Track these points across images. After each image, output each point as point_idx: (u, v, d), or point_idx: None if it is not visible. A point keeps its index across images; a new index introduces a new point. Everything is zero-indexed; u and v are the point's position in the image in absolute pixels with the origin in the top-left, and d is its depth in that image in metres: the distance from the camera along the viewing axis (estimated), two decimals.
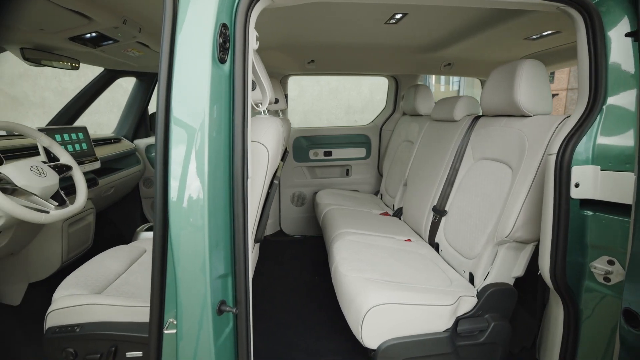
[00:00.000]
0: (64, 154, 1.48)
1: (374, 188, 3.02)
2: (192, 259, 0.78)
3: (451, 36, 1.93)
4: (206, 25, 0.78)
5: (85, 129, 1.96)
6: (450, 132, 1.85)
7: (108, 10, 1.38)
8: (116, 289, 1.25)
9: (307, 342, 1.59)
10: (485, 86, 1.50)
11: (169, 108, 0.77)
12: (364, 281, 1.24)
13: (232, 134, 0.82)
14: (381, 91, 5.62)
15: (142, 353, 1.12)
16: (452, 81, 16.40)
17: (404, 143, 2.53)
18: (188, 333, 0.81)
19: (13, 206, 1.11)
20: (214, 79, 0.78)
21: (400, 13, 1.61)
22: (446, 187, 1.72)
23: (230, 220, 0.84)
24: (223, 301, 0.84)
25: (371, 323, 1.12)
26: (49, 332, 1.10)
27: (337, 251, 1.52)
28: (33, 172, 1.26)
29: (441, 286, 1.30)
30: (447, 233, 1.62)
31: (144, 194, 2.71)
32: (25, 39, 1.47)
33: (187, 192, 0.76)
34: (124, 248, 1.53)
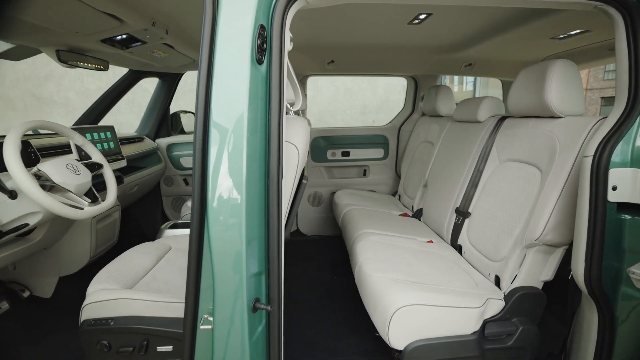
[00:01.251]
0: (95, 153, 1.53)
1: (391, 189, 3.01)
2: (229, 256, 0.79)
3: (474, 36, 1.91)
4: (245, 27, 0.80)
5: (113, 128, 2.01)
6: (474, 133, 1.83)
7: (139, 13, 1.41)
8: (146, 285, 1.28)
9: (329, 341, 1.60)
10: (512, 87, 1.48)
11: (208, 108, 0.79)
12: (390, 282, 1.24)
13: (268, 134, 0.84)
14: (396, 91, 5.59)
15: (172, 348, 1.15)
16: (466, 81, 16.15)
17: (423, 144, 2.51)
18: (224, 329, 0.82)
19: (52, 202, 1.15)
20: (252, 80, 0.80)
21: (425, 13, 1.60)
22: (470, 188, 1.70)
23: (264, 219, 0.85)
24: (257, 299, 0.85)
25: (398, 324, 1.12)
26: (84, 324, 1.14)
27: (361, 251, 1.52)
28: (69, 170, 1.31)
29: (467, 288, 1.29)
30: (471, 235, 1.60)
31: (164, 192, 2.77)
32: (61, 42, 1.52)
33: (225, 191, 0.78)
34: (150, 245, 1.56)
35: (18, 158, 1.11)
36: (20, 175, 1.10)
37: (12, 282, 1.71)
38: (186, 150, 2.68)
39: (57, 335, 1.57)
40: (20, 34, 1.40)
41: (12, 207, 1.24)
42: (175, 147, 2.67)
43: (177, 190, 2.76)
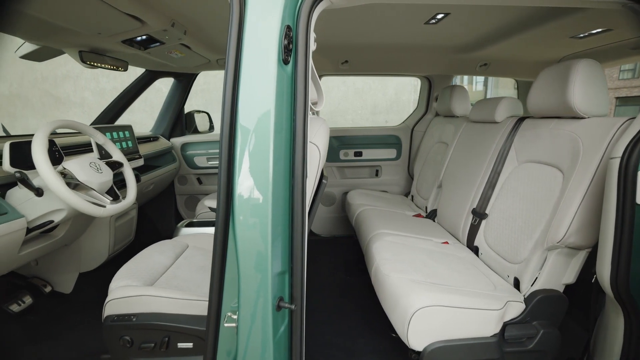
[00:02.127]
0: (116, 151, 1.56)
1: (403, 189, 2.99)
2: (255, 255, 0.80)
3: (490, 36, 1.89)
4: (272, 27, 0.80)
5: (131, 128, 2.04)
6: (491, 133, 1.81)
7: (159, 14, 1.43)
8: (166, 282, 1.30)
9: (346, 341, 1.60)
10: (533, 87, 1.46)
11: (235, 108, 0.80)
12: (408, 282, 1.23)
13: (292, 133, 0.84)
14: (406, 91, 5.56)
15: (192, 345, 1.16)
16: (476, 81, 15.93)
17: (437, 144, 2.49)
18: (248, 327, 0.83)
19: (78, 200, 1.17)
20: (279, 80, 0.80)
21: (443, 13, 1.59)
22: (487, 189, 1.69)
23: (288, 218, 0.86)
24: (281, 297, 0.86)
25: (417, 325, 1.11)
26: (107, 320, 1.16)
27: (377, 252, 1.52)
28: (92, 168, 1.33)
29: (485, 290, 1.28)
30: (488, 236, 1.59)
31: (178, 191, 2.80)
32: (84, 43, 1.55)
33: (252, 190, 0.79)
34: (168, 243, 1.58)
35: (46, 157, 1.14)
36: (48, 174, 1.13)
37: (35, 278, 1.76)
38: (200, 150, 2.71)
39: (78, 330, 1.61)
40: (46, 35, 1.44)
41: (38, 205, 1.27)
42: (189, 146, 2.71)
43: (191, 189, 2.79)
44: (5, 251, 1.19)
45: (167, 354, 1.16)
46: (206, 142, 2.71)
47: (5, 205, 1.19)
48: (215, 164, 2.73)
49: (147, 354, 1.16)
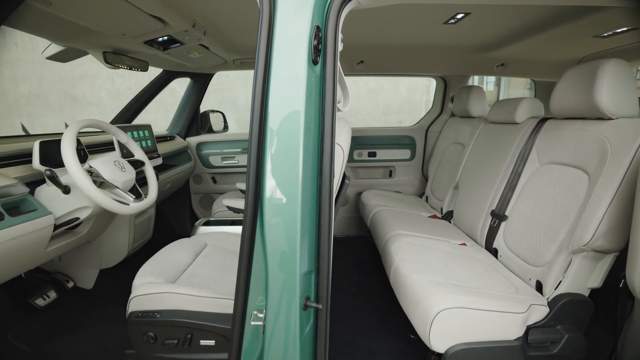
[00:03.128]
0: (137, 150, 1.58)
1: (417, 190, 2.98)
2: (284, 254, 0.81)
3: (510, 36, 1.86)
4: (302, 28, 0.81)
5: (150, 127, 2.08)
6: (511, 134, 1.78)
7: (181, 15, 1.45)
8: (187, 280, 1.32)
9: (363, 341, 1.60)
10: (557, 87, 1.43)
11: (264, 108, 0.81)
12: (430, 284, 1.23)
13: (321, 134, 0.84)
14: (419, 92, 5.52)
15: (214, 342, 1.17)
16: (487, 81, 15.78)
17: (453, 145, 2.47)
18: (276, 326, 0.84)
19: (104, 198, 1.20)
20: (308, 80, 0.81)
21: (463, 13, 1.58)
22: (506, 191, 1.66)
23: (316, 218, 0.86)
24: (307, 297, 0.86)
25: (440, 326, 1.11)
26: (131, 316, 1.18)
27: (396, 252, 1.51)
28: (116, 167, 1.36)
29: (507, 293, 1.26)
30: (508, 239, 1.57)
31: (193, 190, 2.83)
32: (108, 44, 1.58)
33: (281, 190, 0.79)
34: (188, 241, 1.60)
35: (75, 155, 1.17)
36: (77, 172, 1.15)
37: (58, 273, 1.80)
38: (215, 149, 2.74)
39: (100, 325, 1.64)
40: (72, 37, 1.47)
41: (65, 202, 1.30)
42: (204, 145, 2.74)
43: (206, 188, 2.82)
44: (34, 247, 1.23)
45: (190, 351, 1.18)
46: (221, 141, 2.74)
47: (35, 202, 1.23)
48: (229, 163, 2.75)
49: (170, 350, 1.18)
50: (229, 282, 1.34)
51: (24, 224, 1.14)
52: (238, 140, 2.75)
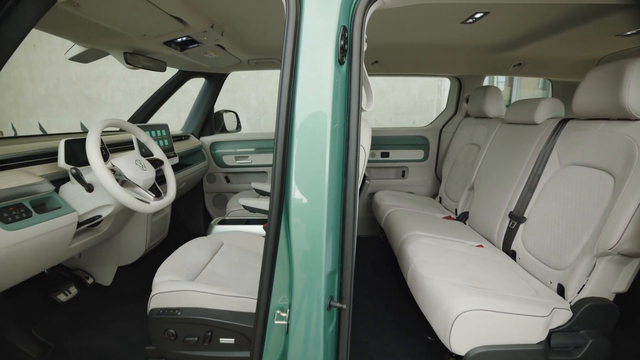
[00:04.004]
0: (157, 150, 1.60)
1: (430, 191, 2.95)
2: (310, 254, 0.81)
3: (529, 35, 1.83)
4: (329, 28, 0.81)
5: (167, 126, 2.10)
6: (530, 135, 1.76)
7: (201, 16, 1.47)
8: (206, 278, 1.33)
9: (380, 342, 1.59)
10: (580, 87, 1.41)
11: (291, 108, 0.81)
12: (450, 285, 1.22)
13: (346, 134, 0.84)
14: (430, 92, 5.48)
15: (234, 340, 1.18)
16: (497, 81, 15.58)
17: (468, 146, 2.45)
18: (300, 326, 0.84)
19: (127, 196, 1.22)
20: (335, 81, 0.81)
21: (482, 12, 1.56)
22: (525, 192, 1.64)
23: (340, 218, 0.86)
24: (331, 297, 0.86)
25: (460, 329, 1.10)
26: (152, 312, 1.19)
27: (413, 253, 1.50)
28: (137, 166, 1.38)
29: (528, 296, 1.25)
30: (527, 241, 1.55)
31: (207, 189, 2.86)
32: (129, 44, 1.61)
33: (308, 190, 0.80)
34: (205, 240, 1.62)
35: (99, 154, 1.19)
36: (101, 171, 1.17)
37: (78, 269, 1.83)
38: (228, 149, 2.76)
39: (119, 321, 1.66)
40: (95, 38, 1.50)
41: (88, 200, 1.32)
42: (218, 145, 2.76)
43: (219, 187, 2.85)
44: (59, 243, 1.25)
45: (210, 349, 1.19)
46: (235, 141, 2.76)
47: (60, 200, 1.25)
48: (242, 163, 2.77)
49: (190, 348, 1.19)
50: (246, 281, 1.35)
51: (51, 221, 1.17)
52: (251, 140, 2.76)
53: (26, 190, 1.14)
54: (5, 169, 1.16)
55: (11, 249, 1.04)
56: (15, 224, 1.06)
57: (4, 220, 1.04)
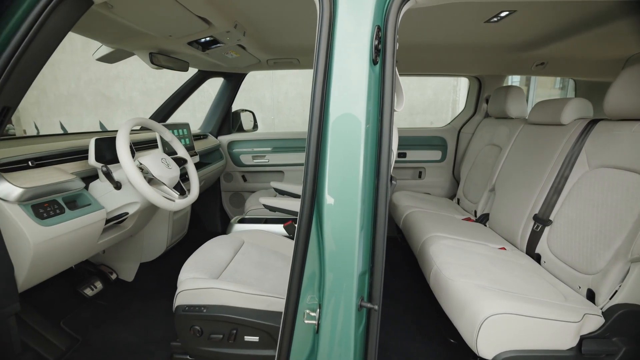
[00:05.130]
0: (181, 148, 1.63)
1: (447, 192, 2.92)
2: (343, 254, 0.81)
3: (555, 33, 1.79)
4: (364, 28, 0.81)
5: (188, 125, 2.13)
6: (556, 136, 1.72)
7: (226, 16, 1.48)
8: (230, 276, 1.34)
9: (400, 344, 1.58)
10: (612, 87, 1.37)
11: (325, 108, 0.81)
12: (475, 288, 1.20)
13: (379, 134, 0.84)
14: (446, 92, 5.41)
15: (258, 338, 1.19)
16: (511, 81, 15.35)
17: (488, 147, 2.41)
18: (331, 326, 0.84)
19: (154, 194, 1.24)
20: (370, 81, 0.80)
21: (508, 10, 1.53)
22: (551, 195, 1.60)
23: (372, 218, 0.86)
24: (362, 297, 0.86)
25: (488, 332, 1.08)
26: (179, 309, 1.21)
27: (436, 255, 1.49)
28: (163, 164, 1.40)
29: (555, 300, 1.22)
30: (553, 244, 1.51)
31: (224, 188, 2.89)
32: (154, 45, 1.64)
33: (342, 190, 0.79)
34: (226, 238, 1.63)
35: (129, 153, 1.21)
36: (131, 169, 1.20)
37: (102, 265, 1.87)
38: (245, 148, 2.78)
39: (142, 317, 1.69)
40: (122, 38, 1.53)
41: (116, 197, 1.35)
42: (235, 144, 2.78)
43: (236, 186, 2.87)
44: (89, 239, 1.28)
45: (234, 346, 1.20)
46: (252, 140, 2.78)
47: (89, 197, 1.28)
48: (260, 162, 2.79)
49: (215, 345, 1.20)
50: (268, 280, 1.35)
51: (82, 217, 1.20)
52: (269, 139, 2.78)
53: (59, 187, 1.17)
54: (39, 167, 1.19)
55: (48, 243, 1.07)
56: (50, 220, 1.09)
57: (40, 215, 1.07)
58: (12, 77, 0.88)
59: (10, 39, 0.85)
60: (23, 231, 1.01)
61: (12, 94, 0.91)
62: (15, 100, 0.93)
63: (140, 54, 1.69)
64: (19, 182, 1.04)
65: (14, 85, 0.90)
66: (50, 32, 0.89)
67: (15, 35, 0.84)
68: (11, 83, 0.88)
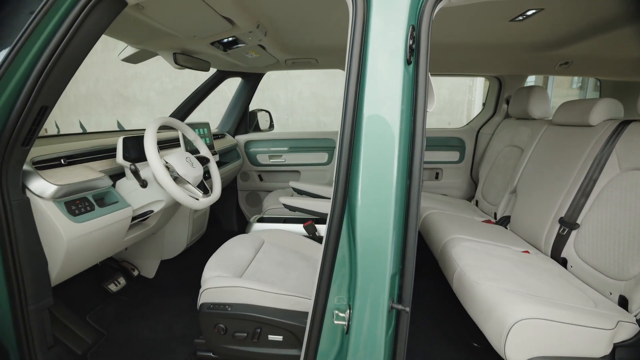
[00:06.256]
0: (203, 148, 1.64)
1: (464, 193, 2.88)
2: (377, 255, 0.80)
3: (583, 32, 1.74)
4: (399, 28, 0.80)
5: (208, 125, 2.15)
6: (583, 138, 1.67)
7: (249, 16, 1.49)
8: (253, 275, 1.35)
9: (422, 346, 1.57)
10: None
11: (359, 109, 0.81)
12: (502, 291, 1.18)
13: (411, 134, 0.83)
14: (461, 92, 5.34)
15: (282, 338, 1.19)
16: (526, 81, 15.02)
17: (508, 148, 2.36)
18: (362, 327, 0.83)
19: (180, 192, 1.25)
20: (404, 81, 0.80)
21: (535, 8, 1.50)
22: (578, 197, 1.56)
23: (403, 219, 0.85)
24: (392, 299, 0.85)
25: (517, 337, 1.06)
26: (203, 307, 1.22)
27: (458, 257, 1.46)
28: (187, 163, 1.42)
29: (585, 306, 1.19)
30: (581, 248, 1.47)
31: (240, 187, 2.91)
32: (179, 45, 1.66)
33: (376, 190, 0.79)
34: (247, 237, 1.64)
35: (157, 152, 1.23)
36: (159, 168, 1.21)
37: (124, 261, 1.91)
38: (262, 148, 2.80)
39: (164, 313, 1.72)
40: (148, 39, 1.55)
41: (142, 195, 1.37)
42: (252, 143, 2.80)
43: (253, 185, 2.89)
44: (116, 236, 1.31)
45: (258, 345, 1.21)
46: (269, 140, 2.79)
47: (117, 195, 1.31)
48: (276, 161, 2.80)
49: (239, 343, 1.21)
50: (290, 279, 1.36)
51: (110, 215, 1.22)
52: (285, 139, 2.79)
53: (90, 184, 1.19)
54: (70, 165, 1.22)
55: (79, 239, 1.09)
56: (81, 217, 1.12)
57: (72, 212, 1.09)
58: (51, 77, 0.90)
59: (49, 40, 0.87)
60: (57, 227, 1.03)
61: (50, 93, 0.93)
62: (53, 99, 0.95)
63: (164, 54, 1.72)
64: (53, 179, 1.07)
65: (52, 85, 0.92)
66: (87, 33, 0.91)
67: (55, 37, 0.86)
68: (50, 83, 0.90)
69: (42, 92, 0.90)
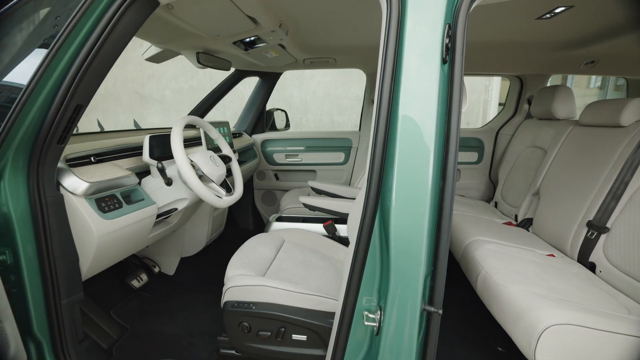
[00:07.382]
0: (225, 147, 1.65)
1: (482, 195, 2.83)
2: (411, 256, 0.79)
3: (612, 30, 1.68)
4: (435, 26, 0.78)
5: (228, 124, 2.17)
6: (613, 139, 1.62)
7: (273, 15, 1.49)
8: (275, 274, 1.35)
9: (443, 349, 1.54)
10: None
11: (393, 108, 0.80)
12: (531, 295, 1.15)
13: (446, 134, 0.82)
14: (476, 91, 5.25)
15: (306, 337, 1.19)
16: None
17: (530, 149, 2.31)
18: (394, 328, 0.83)
19: (205, 191, 1.27)
20: (440, 80, 0.78)
21: (564, 6, 1.46)
22: (608, 200, 1.52)
23: (435, 220, 0.84)
24: (424, 301, 0.84)
25: (548, 343, 1.03)
26: (227, 305, 1.23)
27: (483, 259, 1.44)
28: (211, 161, 1.43)
29: (619, 313, 1.15)
30: (611, 253, 1.43)
31: (256, 186, 2.92)
32: (202, 45, 1.67)
33: (411, 192, 0.78)
34: (267, 236, 1.64)
35: (183, 150, 1.24)
36: (185, 166, 1.23)
37: (145, 258, 1.94)
38: (279, 147, 2.81)
39: (186, 310, 1.73)
40: (172, 39, 1.57)
41: (167, 193, 1.39)
42: (268, 142, 2.81)
43: (269, 184, 2.90)
44: (141, 233, 1.33)
45: (282, 344, 1.21)
46: (285, 139, 2.80)
47: (143, 192, 1.33)
48: (293, 161, 2.80)
49: (263, 342, 1.21)
50: (313, 279, 1.35)
51: (137, 212, 1.24)
52: (302, 138, 2.79)
53: (118, 182, 1.21)
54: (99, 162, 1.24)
55: (109, 236, 1.11)
56: (111, 214, 1.14)
57: (102, 209, 1.11)
58: (86, 77, 0.91)
59: (86, 41, 0.88)
60: (89, 224, 1.05)
61: (85, 93, 0.95)
62: (87, 98, 0.97)
63: (187, 54, 1.73)
64: (84, 176, 1.09)
65: (87, 84, 0.94)
66: (121, 33, 0.92)
67: (91, 37, 0.88)
68: (85, 82, 0.92)
69: (77, 91, 0.91)
